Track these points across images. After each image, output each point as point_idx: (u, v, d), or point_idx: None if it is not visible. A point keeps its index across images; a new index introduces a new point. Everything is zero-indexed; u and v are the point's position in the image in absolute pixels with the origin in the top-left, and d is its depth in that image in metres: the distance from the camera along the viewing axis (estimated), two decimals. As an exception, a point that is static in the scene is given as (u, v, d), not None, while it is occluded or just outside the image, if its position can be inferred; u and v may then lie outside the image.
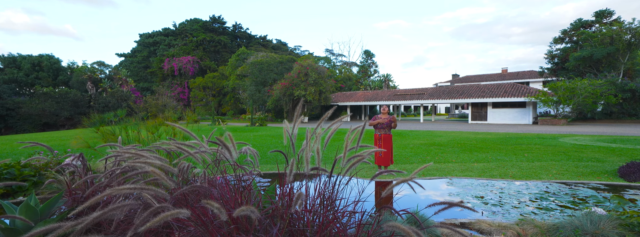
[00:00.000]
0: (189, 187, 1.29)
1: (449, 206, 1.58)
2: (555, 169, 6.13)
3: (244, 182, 2.64)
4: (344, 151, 1.83)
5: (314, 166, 1.95)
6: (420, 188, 4.81)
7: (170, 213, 0.92)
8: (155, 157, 1.49)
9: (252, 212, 0.98)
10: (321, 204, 1.93)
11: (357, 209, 1.92)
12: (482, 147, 9.70)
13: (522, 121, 24.10)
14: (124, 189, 1.02)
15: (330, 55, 55.51)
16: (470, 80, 44.08)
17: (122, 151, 1.76)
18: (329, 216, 1.75)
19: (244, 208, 0.97)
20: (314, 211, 1.85)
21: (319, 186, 2.15)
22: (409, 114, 52.49)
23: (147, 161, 1.28)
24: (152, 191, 1.04)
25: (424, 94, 29.01)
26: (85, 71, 43.63)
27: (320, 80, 28.53)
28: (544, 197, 4.03)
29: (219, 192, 1.71)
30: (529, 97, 22.62)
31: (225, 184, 1.76)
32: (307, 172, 1.47)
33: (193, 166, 2.42)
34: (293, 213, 1.56)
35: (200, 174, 2.03)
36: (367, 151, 2.12)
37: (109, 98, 37.63)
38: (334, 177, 2.07)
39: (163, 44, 52.54)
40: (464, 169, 6.30)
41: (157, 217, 0.91)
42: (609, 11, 28.07)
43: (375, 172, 2.24)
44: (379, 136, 5.77)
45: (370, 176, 5.72)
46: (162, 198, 1.16)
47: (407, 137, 13.48)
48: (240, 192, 1.67)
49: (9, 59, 43.85)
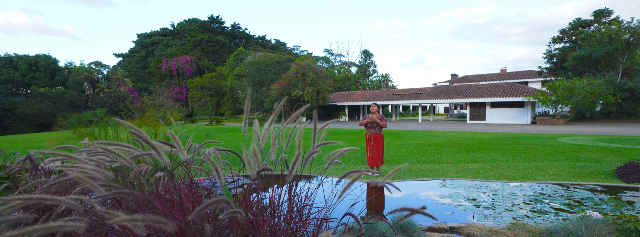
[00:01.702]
0: (109, 194, 1.14)
1: (412, 213, 1.42)
2: (551, 169, 5.99)
3: (217, 187, 2.47)
4: (298, 151, 1.67)
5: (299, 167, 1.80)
6: (408, 190, 4.66)
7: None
8: (94, 160, 1.34)
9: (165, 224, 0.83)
10: (288, 212, 1.77)
11: (330, 215, 1.76)
12: (479, 148, 9.56)
13: (520, 120, 23.98)
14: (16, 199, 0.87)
15: (329, 55, 55.39)
16: (469, 80, 43.99)
17: (52, 153, 1.61)
18: (293, 225, 1.60)
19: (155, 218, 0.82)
20: (276, 218, 1.70)
21: (292, 190, 2.00)
22: (407, 114, 52.37)
23: (76, 165, 1.13)
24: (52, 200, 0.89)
25: (422, 93, 28.87)
26: (82, 71, 43.43)
27: (318, 80, 28.38)
28: (538, 200, 3.88)
29: (158, 200, 1.55)
30: (528, 97, 22.50)
31: (178, 190, 1.60)
32: (252, 175, 1.32)
33: (159, 169, 2.26)
34: (252, 222, 1.41)
35: (162, 178, 1.87)
36: (341, 150, 1.96)
37: (106, 98, 37.45)
38: (314, 180, 1.92)
39: (161, 44, 52.36)
40: (459, 169, 6.16)
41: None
42: (608, 10, 27.96)
43: (346, 173, 2.08)
44: (369, 135, 5.62)
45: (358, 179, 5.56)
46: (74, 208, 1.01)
47: (404, 137, 13.34)
48: (191, 199, 1.52)
49: (5, 59, 43.63)
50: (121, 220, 0.77)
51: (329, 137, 13.50)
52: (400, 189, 4.74)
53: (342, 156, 1.98)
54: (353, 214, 1.44)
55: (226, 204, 1.02)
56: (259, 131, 1.88)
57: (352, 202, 3.85)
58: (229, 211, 1.07)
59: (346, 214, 1.47)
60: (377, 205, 4.02)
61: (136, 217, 0.78)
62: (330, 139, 10.11)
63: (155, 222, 0.80)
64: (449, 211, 3.55)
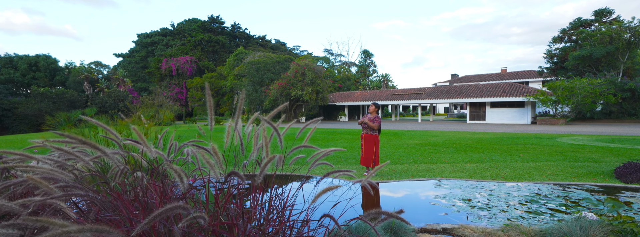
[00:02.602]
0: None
1: (388, 217, 1.35)
2: (549, 169, 5.91)
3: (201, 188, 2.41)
4: (266, 150, 1.60)
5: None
6: (403, 191, 4.60)
7: None
8: (54, 160, 1.28)
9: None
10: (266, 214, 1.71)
11: (315, 217, 1.69)
12: (477, 147, 9.49)
13: (520, 120, 23.88)
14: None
15: (329, 55, 55.33)
16: (470, 80, 43.89)
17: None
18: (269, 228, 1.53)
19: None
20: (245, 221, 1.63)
21: (274, 193, 1.93)
22: (407, 114, 52.28)
23: (28, 166, 1.08)
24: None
25: (422, 93, 28.79)
26: (82, 71, 43.44)
27: (317, 80, 28.31)
28: (534, 200, 3.81)
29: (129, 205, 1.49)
30: (528, 96, 22.40)
31: (145, 190, 1.54)
32: (215, 175, 1.26)
33: (136, 170, 2.21)
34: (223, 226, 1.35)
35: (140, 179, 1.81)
36: (326, 150, 1.90)
37: (106, 98, 37.44)
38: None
39: (161, 44, 52.35)
40: (456, 169, 6.09)
41: None
42: (609, 10, 27.85)
43: (327, 172, 2.02)
44: (363, 135, 5.56)
45: (354, 179, 5.49)
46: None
47: (402, 137, 13.27)
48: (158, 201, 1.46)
49: (5, 59, 43.66)
50: (54, 234, 0.70)
51: (326, 138, 13.43)
52: (396, 189, 4.67)
53: (327, 156, 1.91)
54: (332, 216, 1.38)
55: (183, 210, 0.96)
56: (230, 131, 1.82)
57: (345, 203, 3.78)
58: (188, 218, 1.00)
59: (324, 215, 1.40)
60: (373, 205, 3.96)
61: (72, 228, 0.71)
62: (328, 140, 10.07)
63: (97, 232, 0.73)
64: (442, 212, 3.49)
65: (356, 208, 3.83)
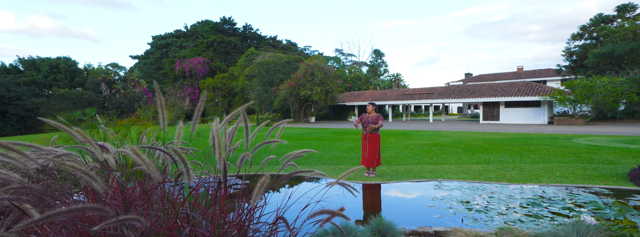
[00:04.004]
0: None
1: (332, 216, 1.29)
2: (559, 171, 5.66)
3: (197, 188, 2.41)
4: (219, 152, 1.57)
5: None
6: (400, 192, 4.49)
7: None
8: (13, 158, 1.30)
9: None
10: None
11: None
12: (487, 148, 9.22)
13: (536, 120, 23.11)
14: None
15: (340, 55, 55.13)
16: (484, 79, 42.84)
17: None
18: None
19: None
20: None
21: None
22: (419, 114, 51.52)
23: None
24: None
25: (433, 93, 28.28)
26: (100, 73, 44.90)
27: (327, 80, 28.25)
28: (536, 203, 3.64)
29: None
30: (544, 96, 21.64)
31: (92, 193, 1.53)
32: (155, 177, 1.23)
33: (114, 170, 2.22)
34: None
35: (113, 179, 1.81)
36: (296, 153, 1.86)
37: (122, 99, 38.57)
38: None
39: (175, 45, 53.49)
40: (460, 171, 5.92)
41: None
42: (633, 5, 26.56)
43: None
44: (365, 135, 5.47)
45: (357, 179, 5.40)
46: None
47: (411, 138, 13.05)
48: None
49: (28, 61, 45.66)
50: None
51: (333, 138, 13.35)
52: (393, 190, 4.57)
53: (297, 158, 1.87)
54: (284, 219, 1.33)
55: (100, 211, 0.93)
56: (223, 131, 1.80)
57: (339, 204, 3.71)
58: (109, 222, 0.97)
59: (278, 218, 1.35)
60: (372, 206, 3.87)
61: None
62: (335, 140, 9.96)
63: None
64: (437, 214, 3.38)
65: (345, 209, 3.75)
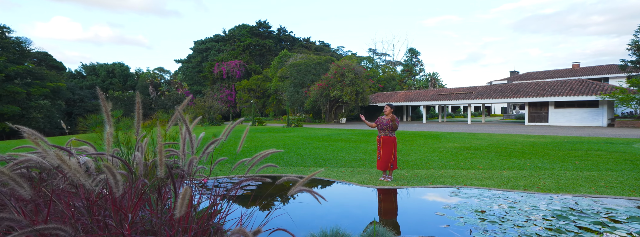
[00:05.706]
0: None
1: None
2: (605, 180, 4.96)
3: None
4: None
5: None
6: (412, 199, 4.22)
7: None
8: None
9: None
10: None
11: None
12: (525, 153, 8.42)
13: (593, 122, 20.72)
14: None
15: (374, 55, 54.19)
16: (532, 77, 39.43)
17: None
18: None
19: None
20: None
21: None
22: (458, 115, 48.89)
23: None
24: None
25: (472, 93, 26.63)
26: (148, 76, 48.71)
27: (357, 81, 27.88)
28: (563, 216, 3.19)
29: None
30: (603, 95, 19.31)
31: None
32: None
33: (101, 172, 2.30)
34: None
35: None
36: (264, 153, 1.78)
37: (167, 100, 41.48)
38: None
39: (214, 49, 56.39)
40: (486, 177, 5.44)
41: None
42: None
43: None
44: (379, 137, 5.24)
45: (366, 183, 5.20)
46: None
47: (442, 140, 12.37)
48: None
49: (89, 67, 51.00)
50: None
51: (360, 139, 13.09)
52: (405, 196, 4.32)
53: (264, 158, 1.80)
54: (244, 228, 1.26)
55: (10, 221, 0.91)
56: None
57: (342, 208, 3.58)
58: (25, 231, 0.96)
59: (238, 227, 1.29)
60: (387, 212, 3.68)
61: None
62: (361, 141, 9.79)
63: None
64: (444, 224, 3.11)
65: (342, 215, 3.61)
